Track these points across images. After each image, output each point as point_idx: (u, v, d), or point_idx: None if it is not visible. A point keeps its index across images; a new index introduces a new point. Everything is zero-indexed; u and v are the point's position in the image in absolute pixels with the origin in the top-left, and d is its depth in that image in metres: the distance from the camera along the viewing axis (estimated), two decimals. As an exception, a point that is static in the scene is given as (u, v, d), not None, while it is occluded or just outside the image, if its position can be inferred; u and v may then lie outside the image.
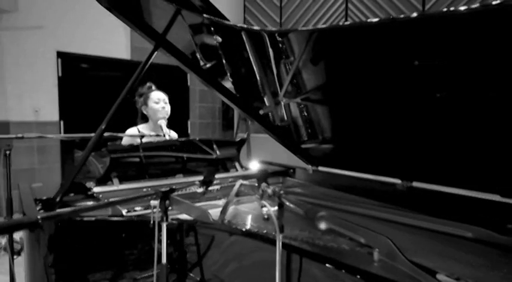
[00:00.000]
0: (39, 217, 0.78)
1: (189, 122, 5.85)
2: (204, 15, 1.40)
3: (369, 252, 1.12)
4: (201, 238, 1.15)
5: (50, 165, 4.42)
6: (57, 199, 1.21)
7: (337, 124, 1.98)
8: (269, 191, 0.83)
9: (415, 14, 1.21)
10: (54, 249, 1.19)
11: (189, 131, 5.80)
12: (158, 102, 2.16)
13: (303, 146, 2.20)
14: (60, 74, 4.46)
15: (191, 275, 1.16)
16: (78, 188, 1.63)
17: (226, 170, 2.18)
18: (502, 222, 1.22)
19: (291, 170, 2.28)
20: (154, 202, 0.99)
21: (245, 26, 1.57)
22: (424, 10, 4.68)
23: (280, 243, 0.82)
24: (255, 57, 1.98)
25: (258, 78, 2.07)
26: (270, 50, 1.91)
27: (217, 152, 2.19)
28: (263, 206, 0.83)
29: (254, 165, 2.29)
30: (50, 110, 4.44)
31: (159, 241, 1.01)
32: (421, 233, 1.35)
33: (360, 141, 1.91)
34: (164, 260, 1.01)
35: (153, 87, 2.23)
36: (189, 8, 1.34)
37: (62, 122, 4.51)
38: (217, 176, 2.05)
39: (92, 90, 4.62)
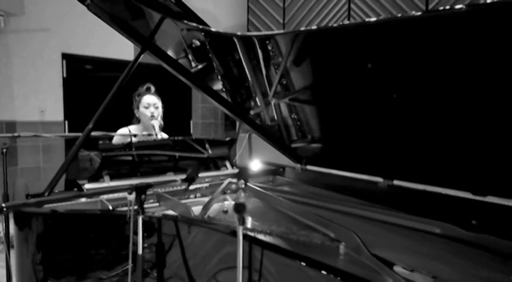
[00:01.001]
0: (3, 205, 0.86)
1: (191, 122, 5.94)
2: (186, 21, 1.46)
3: (337, 246, 1.18)
4: (177, 232, 1.22)
5: (54, 164, 4.54)
6: (45, 194, 1.29)
7: (324, 124, 2.03)
8: (233, 186, 0.88)
9: (378, 18, 1.26)
10: (41, 247, 1.27)
11: (191, 131, 5.89)
12: (148, 107, 2.24)
13: (293, 145, 2.26)
14: (64, 75, 4.58)
15: (162, 268, 1.23)
16: (72, 185, 1.72)
17: (218, 169, 2.25)
18: (468, 219, 1.26)
19: (281, 169, 2.34)
20: (131, 197, 1.06)
21: (221, 31, 1.63)
22: (428, 10, 4.68)
23: (241, 234, 0.88)
24: (245, 59, 2.04)
25: (248, 79, 2.13)
26: (259, 51, 1.97)
27: (209, 151, 2.25)
28: (225, 200, 0.89)
29: (255, 165, 2.36)
30: (55, 110, 4.56)
31: (136, 233, 1.08)
32: (396, 229, 1.40)
33: (345, 141, 1.96)
34: (140, 251, 1.08)
35: (152, 89, 2.30)
36: (173, 16, 1.41)
37: (66, 122, 4.63)
38: (207, 174, 2.12)
39: (95, 91, 4.72)
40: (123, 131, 2.29)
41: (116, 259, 1.24)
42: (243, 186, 1.17)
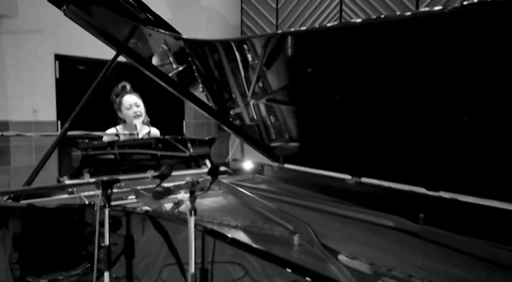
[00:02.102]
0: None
1: (184, 122, 6.01)
2: (157, 29, 1.55)
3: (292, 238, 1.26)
4: (143, 225, 1.30)
5: (47, 163, 4.62)
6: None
7: (298, 124, 2.11)
8: (188, 178, 0.97)
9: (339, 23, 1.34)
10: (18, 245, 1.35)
11: (184, 131, 5.97)
12: (130, 107, 2.31)
13: (271, 144, 2.34)
14: (57, 76, 4.66)
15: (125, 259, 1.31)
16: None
17: (199, 167, 2.33)
18: (419, 212, 1.34)
19: (260, 167, 2.42)
20: (98, 191, 1.14)
21: (192, 38, 1.72)
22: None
23: (193, 224, 0.96)
24: (225, 61, 2.12)
25: (227, 80, 2.22)
26: (237, 53, 2.06)
27: (191, 150, 2.34)
28: (178, 193, 0.97)
29: (248, 165, 2.43)
30: (48, 110, 4.64)
31: (103, 225, 1.16)
32: (354, 223, 1.48)
33: (318, 141, 2.04)
34: (107, 241, 1.16)
35: (127, 88, 2.35)
36: (144, 24, 1.49)
37: (59, 122, 4.71)
38: (187, 172, 2.20)
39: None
40: (111, 131, 2.36)
41: (87, 252, 1.32)
42: (209, 182, 1.26)
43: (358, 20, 1.29)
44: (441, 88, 1.31)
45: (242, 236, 1.28)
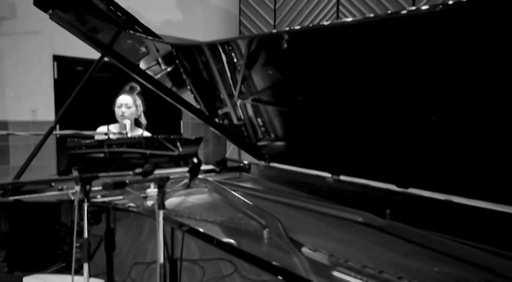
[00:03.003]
0: None
1: (181, 122, 6.08)
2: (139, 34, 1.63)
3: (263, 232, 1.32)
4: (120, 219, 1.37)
5: (46, 162, 4.70)
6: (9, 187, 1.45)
7: (282, 123, 2.17)
8: (157, 175, 1.03)
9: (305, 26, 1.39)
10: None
11: (181, 131, 6.04)
12: (120, 107, 2.39)
13: (257, 143, 2.40)
14: (56, 77, 4.75)
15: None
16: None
17: (187, 165, 2.40)
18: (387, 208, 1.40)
19: (247, 166, 2.48)
20: (77, 187, 1.21)
21: (178, 43, 1.78)
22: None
23: (161, 217, 1.02)
24: (212, 63, 2.19)
25: (215, 81, 2.28)
26: (223, 55, 2.12)
27: (180, 148, 2.41)
28: (148, 187, 1.04)
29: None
30: (46, 110, 4.72)
31: (82, 219, 1.23)
32: (327, 218, 1.53)
33: (300, 140, 2.10)
34: (86, 234, 1.23)
35: (127, 88, 2.43)
36: (126, 29, 1.56)
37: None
38: (176, 170, 2.27)
39: (85, 91, 4.90)
40: (102, 129, 2.44)
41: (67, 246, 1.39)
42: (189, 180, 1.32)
43: (335, 21, 1.34)
44: (412, 88, 1.36)
45: (216, 231, 1.34)
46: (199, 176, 2.12)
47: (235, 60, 2.08)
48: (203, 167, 2.41)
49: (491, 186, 1.27)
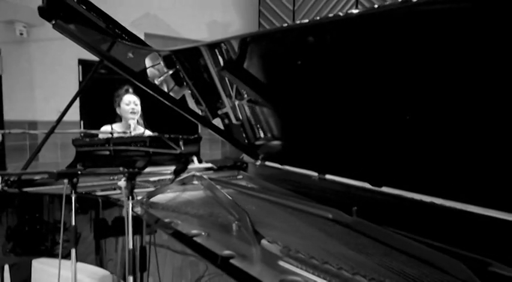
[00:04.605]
0: None
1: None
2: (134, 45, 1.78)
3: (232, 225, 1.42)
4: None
5: (71, 159, 5.02)
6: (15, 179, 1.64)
7: (275, 123, 2.24)
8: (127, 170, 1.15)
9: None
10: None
11: (199, 131, 6.22)
12: (128, 104, 2.56)
13: (254, 143, 2.49)
14: (80, 79, 5.05)
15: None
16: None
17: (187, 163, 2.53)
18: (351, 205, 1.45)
19: (245, 165, 2.58)
20: (65, 180, 1.35)
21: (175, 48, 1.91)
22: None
23: (130, 208, 1.14)
24: (211, 65, 2.29)
25: (214, 82, 2.39)
26: (219, 57, 2.22)
27: (182, 147, 2.54)
28: (120, 181, 1.16)
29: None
30: (71, 110, 5.00)
31: (70, 210, 1.37)
32: (304, 215, 1.60)
33: (290, 140, 2.17)
34: (73, 222, 1.37)
35: (130, 90, 2.62)
36: (122, 39, 1.71)
37: (82, 122, 5.10)
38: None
39: (107, 93, 5.18)
40: (106, 128, 2.62)
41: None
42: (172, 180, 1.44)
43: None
44: (386, 88, 1.39)
45: (194, 223, 1.45)
46: (197, 174, 2.24)
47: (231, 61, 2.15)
48: (203, 165, 2.54)
49: (456, 185, 1.29)
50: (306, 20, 1.37)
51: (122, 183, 1.13)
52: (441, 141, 1.31)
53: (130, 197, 1.13)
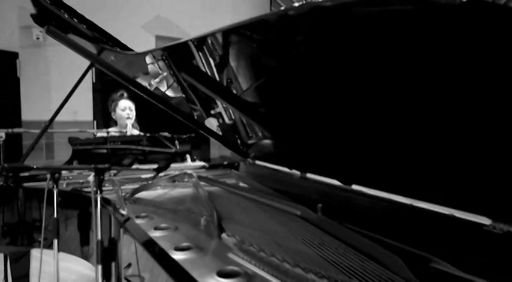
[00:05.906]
0: None
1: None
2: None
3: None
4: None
5: (85, 157, 5.25)
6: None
7: (264, 123, 2.30)
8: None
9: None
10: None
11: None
12: (124, 109, 2.68)
13: (246, 142, 2.55)
14: (94, 81, 5.27)
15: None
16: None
17: (181, 162, 2.63)
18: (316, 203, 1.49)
19: (236, 164, 2.65)
20: (48, 176, 1.47)
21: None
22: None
23: (99, 201, 1.24)
24: (200, 60, 2.36)
25: (205, 79, 2.46)
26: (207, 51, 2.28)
27: (177, 146, 2.64)
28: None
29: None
30: (85, 111, 5.27)
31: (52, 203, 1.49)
32: (275, 212, 1.64)
33: (276, 139, 2.21)
34: (55, 215, 1.48)
35: (125, 95, 2.75)
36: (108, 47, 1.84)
37: (95, 121, 5.32)
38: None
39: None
40: (102, 134, 2.75)
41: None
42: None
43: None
44: (368, 89, 1.40)
45: (170, 218, 1.54)
46: (188, 171, 2.33)
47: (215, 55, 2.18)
48: (196, 163, 2.62)
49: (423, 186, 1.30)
50: (282, 7, 1.26)
51: (91, 178, 1.23)
52: (410, 140, 1.33)
53: (98, 191, 1.22)
